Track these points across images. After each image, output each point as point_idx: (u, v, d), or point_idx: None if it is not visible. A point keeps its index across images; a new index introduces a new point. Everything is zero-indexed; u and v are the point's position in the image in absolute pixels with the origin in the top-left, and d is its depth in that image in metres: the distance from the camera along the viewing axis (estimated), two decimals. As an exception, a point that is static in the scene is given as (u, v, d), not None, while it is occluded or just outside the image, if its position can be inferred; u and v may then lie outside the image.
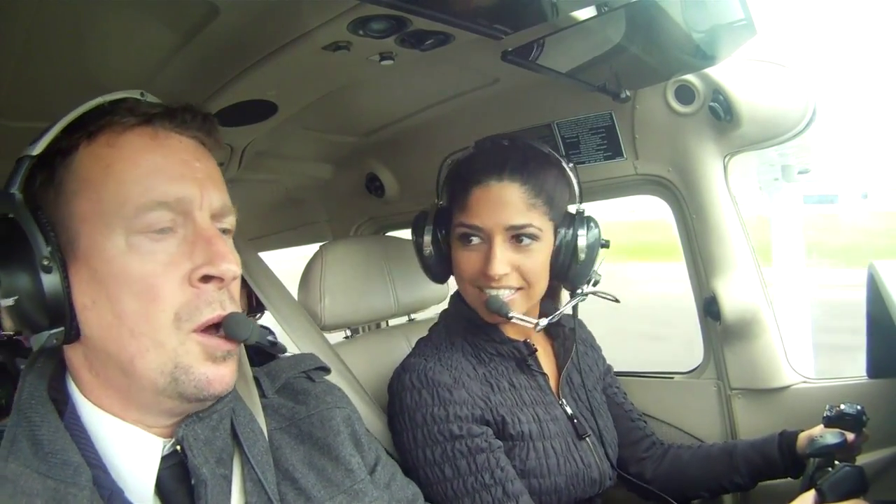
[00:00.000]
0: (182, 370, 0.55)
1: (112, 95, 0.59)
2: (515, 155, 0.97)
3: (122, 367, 0.55)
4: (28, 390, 0.58)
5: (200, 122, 0.62)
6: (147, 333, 0.54)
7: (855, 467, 0.84)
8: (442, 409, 0.91)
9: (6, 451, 0.54)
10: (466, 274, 0.98)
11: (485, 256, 0.95)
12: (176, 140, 0.60)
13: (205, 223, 0.58)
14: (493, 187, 0.95)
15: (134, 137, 0.57)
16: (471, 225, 0.96)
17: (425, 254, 1.04)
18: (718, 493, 1.13)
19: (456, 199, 1.00)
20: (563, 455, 0.98)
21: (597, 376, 1.17)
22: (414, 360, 0.98)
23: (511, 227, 0.94)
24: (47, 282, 0.53)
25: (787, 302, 2.36)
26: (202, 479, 0.58)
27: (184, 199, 0.57)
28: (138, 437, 0.57)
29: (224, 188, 0.62)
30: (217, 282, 0.57)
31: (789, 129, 1.12)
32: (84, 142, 0.57)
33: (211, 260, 0.56)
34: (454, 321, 1.05)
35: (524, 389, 1.01)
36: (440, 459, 0.90)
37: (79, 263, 0.55)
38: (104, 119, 0.57)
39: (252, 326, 0.58)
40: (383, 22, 0.79)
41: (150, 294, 0.54)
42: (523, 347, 1.02)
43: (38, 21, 0.71)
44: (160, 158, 0.57)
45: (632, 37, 0.95)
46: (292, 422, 0.71)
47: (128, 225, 0.54)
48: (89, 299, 0.55)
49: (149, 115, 0.58)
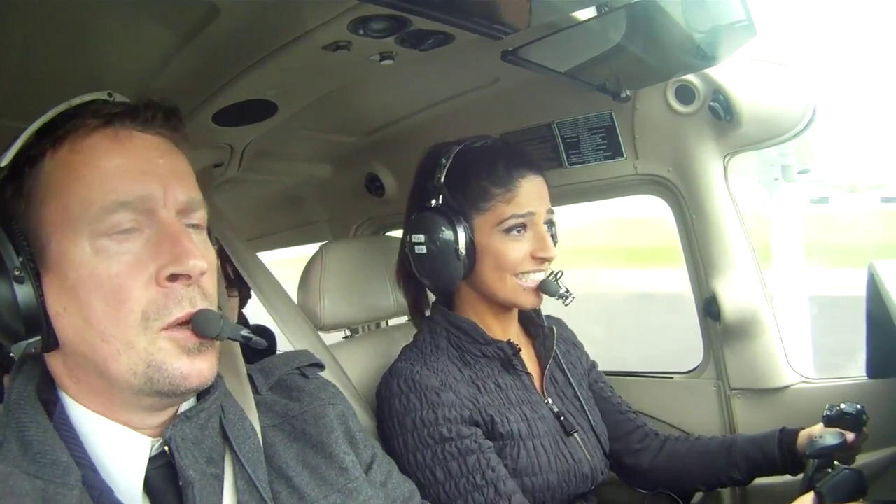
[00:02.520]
0: (155, 368, 0.55)
1: (78, 99, 0.59)
2: (527, 151, 1.06)
3: (98, 370, 0.55)
4: (17, 392, 0.58)
5: (164, 119, 0.61)
6: (116, 336, 0.54)
7: (854, 470, 0.83)
8: (431, 412, 0.92)
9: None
10: (513, 263, 0.99)
11: (532, 242, 1.00)
12: (139, 139, 0.59)
13: (169, 220, 0.57)
14: (535, 179, 1.02)
15: (96, 140, 0.57)
16: (524, 214, 0.99)
17: (461, 256, 0.98)
18: (715, 486, 1.13)
19: (478, 195, 0.99)
20: (552, 453, 0.98)
21: (581, 373, 1.17)
22: (401, 366, 0.98)
23: (549, 211, 1.03)
24: (20, 292, 0.54)
25: (786, 301, 2.37)
26: (189, 481, 0.58)
27: (146, 198, 0.56)
28: (126, 437, 0.58)
29: (191, 182, 0.61)
30: (185, 279, 0.56)
31: (789, 129, 1.12)
32: (50, 149, 0.57)
33: (177, 258, 0.55)
34: (438, 326, 1.05)
35: (510, 390, 1.01)
36: (431, 463, 0.91)
37: (51, 272, 0.55)
38: (69, 124, 0.57)
39: (222, 322, 0.57)
40: (383, 22, 0.79)
41: (118, 296, 0.54)
42: (507, 347, 1.02)
43: (38, 21, 0.71)
44: (121, 159, 0.57)
45: (632, 37, 0.95)
46: (286, 419, 0.71)
47: (92, 229, 0.54)
48: (61, 306, 0.55)
49: (110, 116, 0.58)
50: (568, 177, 1.31)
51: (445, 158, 1.03)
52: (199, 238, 0.61)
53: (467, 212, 1.00)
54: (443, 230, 0.99)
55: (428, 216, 1.01)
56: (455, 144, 1.04)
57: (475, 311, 1.05)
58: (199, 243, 0.60)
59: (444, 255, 0.99)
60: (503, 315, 1.06)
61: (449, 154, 1.03)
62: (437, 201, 1.02)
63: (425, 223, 1.01)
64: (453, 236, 0.98)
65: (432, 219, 1.00)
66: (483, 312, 1.05)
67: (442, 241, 0.99)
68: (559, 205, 1.06)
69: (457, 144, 1.04)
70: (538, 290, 1.01)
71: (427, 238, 1.00)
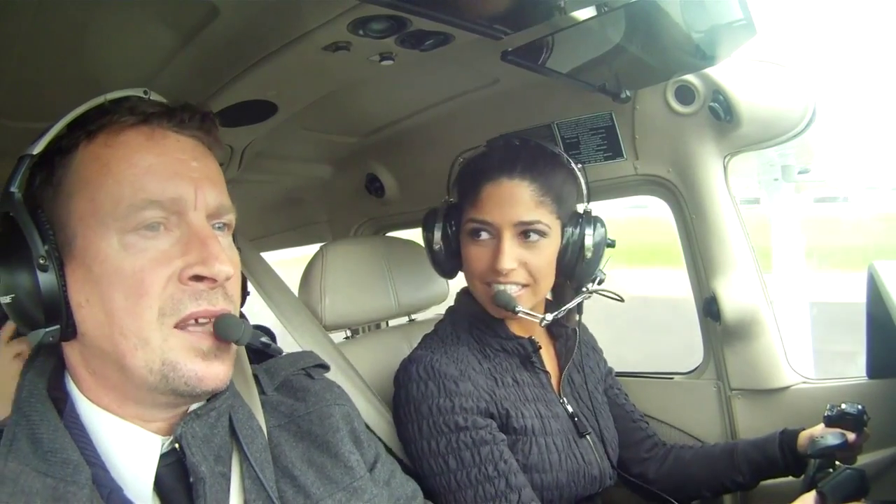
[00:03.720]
0: (170, 367, 0.55)
1: (114, 94, 0.59)
2: (526, 154, 1.00)
3: (116, 364, 0.56)
4: (27, 388, 0.58)
5: (199, 122, 0.61)
6: (134, 331, 0.54)
7: (856, 470, 0.83)
8: (448, 400, 0.92)
9: (6, 449, 0.54)
10: (476, 269, 1.00)
11: (493, 252, 0.97)
12: (173, 139, 0.59)
13: (199, 223, 0.58)
14: (505, 184, 0.97)
15: (131, 137, 0.57)
16: (481, 220, 0.98)
17: (435, 249, 1.06)
18: (720, 492, 1.13)
19: (467, 196, 1.02)
20: (564, 451, 0.99)
21: (598, 377, 1.18)
22: (421, 353, 0.99)
23: (520, 223, 0.96)
24: (43, 280, 0.54)
25: (786, 301, 2.36)
26: (201, 477, 0.58)
27: (177, 199, 0.57)
28: (137, 435, 0.57)
29: (222, 187, 0.62)
30: (209, 282, 0.57)
31: (789, 129, 1.12)
32: (83, 141, 0.57)
33: (204, 260, 0.56)
34: (460, 317, 1.06)
35: (527, 386, 1.02)
36: (444, 450, 0.91)
37: (75, 262, 0.55)
38: (104, 118, 0.57)
39: (244, 327, 0.57)
40: (383, 22, 0.79)
41: (139, 290, 0.54)
42: (528, 344, 1.03)
43: (38, 21, 0.71)
44: (155, 158, 0.57)
45: (632, 37, 0.95)
46: (291, 419, 0.71)
47: (121, 225, 0.55)
48: (84, 298, 0.55)
49: (146, 115, 0.58)
50: None
51: (461, 158, 1.07)
52: (227, 241, 0.61)
53: (464, 211, 1.02)
54: (435, 228, 1.06)
55: (430, 213, 1.08)
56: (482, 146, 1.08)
57: None
58: (227, 247, 0.60)
59: (432, 251, 1.07)
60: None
61: (464, 155, 1.08)
62: (447, 199, 1.08)
63: (427, 219, 1.08)
64: (439, 235, 1.05)
65: (430, 216, 1.07)
66: None
67: (432, 238, 1.06)
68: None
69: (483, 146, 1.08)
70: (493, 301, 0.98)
71: (425, 233, 1.08)
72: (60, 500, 0.52)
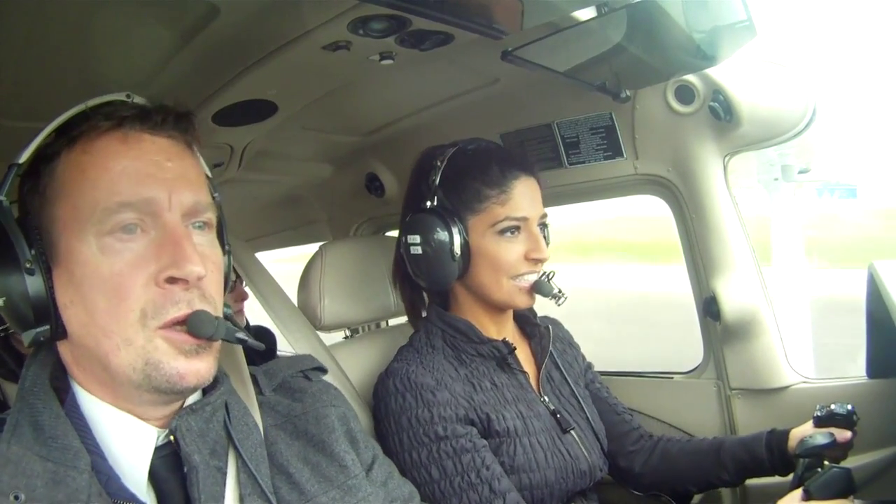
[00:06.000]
0: (152, 366, 0.57)
1: (96, 100, 0.61)
2: (520, 153, 1.06)
3: (102, 363, 0.58)
4: (31, 379, 0.60)
5: (174, 122, 0.62)
6: (117, 332, 0.56)
7: (843, 469, 0.84)
8: (426, 411, 0.93)
9: (9, 434, 0.56)
10: (505, 264, 1.00)
11: (525, 244, 1.01)
12: (149, 141, 0.60)
13: (173, 224, 0.58)
14: (529, 181, 1.03)
15: (106, 142, 0.59)
16: (520, 217, 1.00)
17: (455, 257, 0.99)
18: (706, 487, 1.13)
19: (473, 196, 1.00)
20: (549, 449, 0.99)
21: (578, 372, 1.18)
22: (397, 366, 0.99)
23: (543, 215, 1.04)
24: (31, 283, 0.57)
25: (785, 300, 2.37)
26: (194, 466, 0.59)
27: (150, 200, 0.58)
28: (133, 426, 0.59)
29: (200, 185, 0.63)
30: (183, 283, 0.58)
31: (789, 129, 1.12)
32: (65, 149, 0.59)
33: (175, 262, 0.57)
34: (433, 326, 1.06)
35: (506, 388, 1.02)
36: (426, 461, 0.92)
37: (61, 266, 0.58)
38: (84, 125, 0.59)
39: (217, 323, 0.58)
40: (383, 22, 0.79)
41: (119, 293, 0.56)
42: (502, 346, 1.03)
43: (38, 21, 0.71)
44: (129, 161, 0.58)
45: (632, 37, 0.95)
46: (288, 419, 0.73)
47: (98, 228, 0.56)
48: (69, 299, 0.58)
49: (121, 119, 0.59)
50: (568, 177, 1.31)
51: (440, 160, 1.04)
52: (205, 239, 0.62)
53: (461, 213, 1.01)
54: (437, 231, 1.00)
55: (423, 217, 1.02)
56: (450, 146, 1.05)
57: (470, 311, 1.06)
58: (205, 244, 0.61)
59: (439, 255, 1.00)
60: (498, 315, 1.07)
61: (444, 156, 1.04)
62: (431, 203, 1.03)
63: (420, 224, 1.02)
64: (448, 237, 0.99)
65: (427, 220, 1.01)
66: (478, 312, 1.06)
67: (437, 241, 1.00)
68: (559, 204, 1.07)
69: (451, 146, 1.05)
70: (532, 291, 1.01)
71: (422, 239, 1.01)
72: (60, 484, 0.54)
